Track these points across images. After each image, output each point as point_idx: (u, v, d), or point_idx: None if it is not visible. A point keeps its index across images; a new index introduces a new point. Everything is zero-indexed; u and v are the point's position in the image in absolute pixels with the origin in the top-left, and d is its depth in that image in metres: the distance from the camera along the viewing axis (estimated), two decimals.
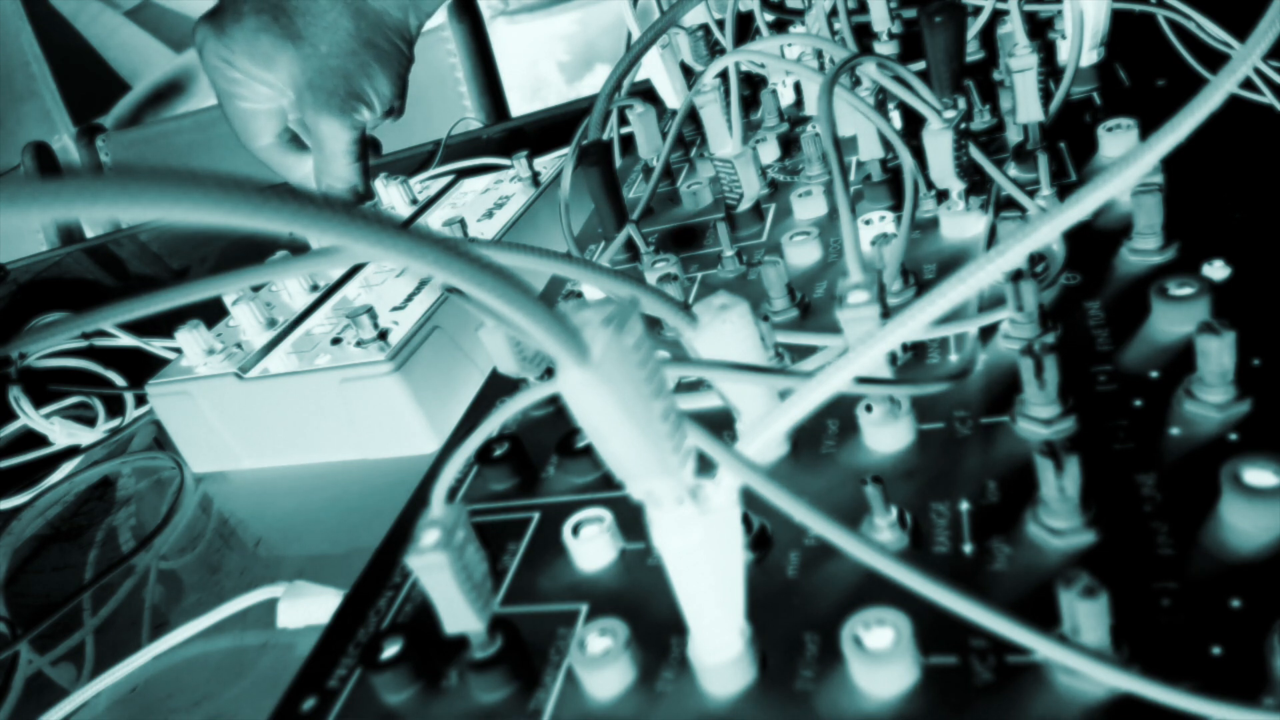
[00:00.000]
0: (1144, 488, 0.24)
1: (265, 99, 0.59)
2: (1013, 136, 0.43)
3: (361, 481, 0.46)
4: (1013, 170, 0.41)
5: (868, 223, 0.40)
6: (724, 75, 0.48)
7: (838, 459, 0.29)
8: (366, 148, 0.60)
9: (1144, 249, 0.32)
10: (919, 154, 0.38)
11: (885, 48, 0.56)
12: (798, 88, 0.58)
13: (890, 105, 0.47)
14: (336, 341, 0.47)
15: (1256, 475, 0.22)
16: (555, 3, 1.99)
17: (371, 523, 0.36)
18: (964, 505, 0.26)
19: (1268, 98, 0.39)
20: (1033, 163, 0.40)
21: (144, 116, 1.93)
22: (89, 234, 1.32)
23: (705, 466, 0.20)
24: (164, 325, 0.63)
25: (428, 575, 0.22)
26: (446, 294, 0.47)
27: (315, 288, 0.55)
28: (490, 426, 0.22)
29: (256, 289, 0.56)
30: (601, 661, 0.24)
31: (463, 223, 0.55)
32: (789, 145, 0.53)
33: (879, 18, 0.56)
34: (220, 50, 0.56)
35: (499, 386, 0.41)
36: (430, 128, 1.04)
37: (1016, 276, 0.30)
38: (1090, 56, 0.46)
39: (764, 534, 0.27)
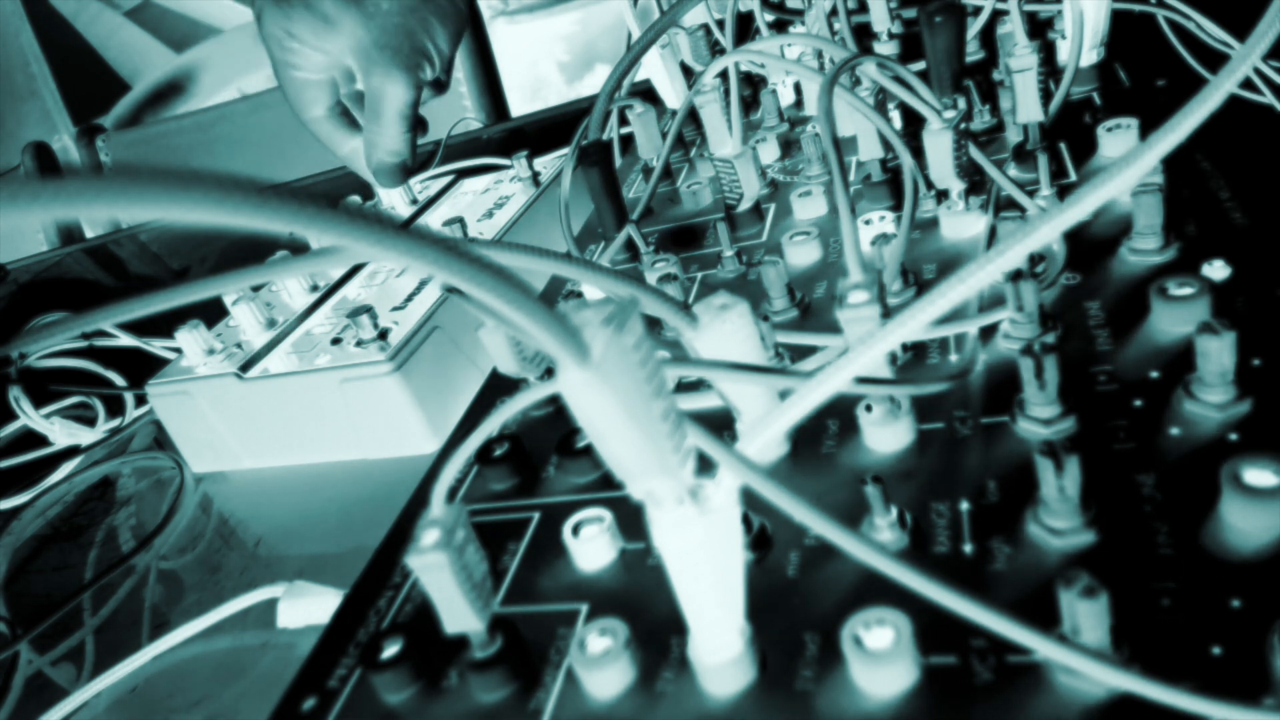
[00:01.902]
0: (1144, 488, 0.24)
1: (321, 68, 0.59)
2: (1013, 136, 0.43)
3: (361, 481, 0.46)
4: (1013, 170, 0.41)
5: (868, 223, 0.40)
6: (724, 75, 0.48)
7: (838, 459, 0.29)
8: (419, 118, 0.60)
9: (1144, 249, 0.32)
10: (919, 154, 0.38)
11: (885, 48, 0.56)
12: (798, 88, 0.58)
13: (890, 105, 0.47)
14: (336, 341, 0.47)
15: (1256, 475, 0.22)
16: (555, 3, 1.99)
17: (371, 523, 0.36)
18: (964, 505, 0.26)
19: (1268, 98, 0.39)
20: (1033, 163, 0.40)
21: (144, 116, 1.93)
22: (89, 234, 1.31)
23: (705, 466, 0.20)
24: (164, 325, 0.63)
25: (428, 575, 0.22)
26: (446, 294, 0.47)
27: (315, 288, 0.55)
28: (490, 426, 0.22)
29: (256, 289, 0.56)
30: (601, 661, 0.24)
31: (463, 223, 0.55)
32: (789, 145, 0.53)
33: (879, 18, 0.56)
34: (279, 19, 0.56)
35: (499, 386, 0.41)
36: (430, 128, 1.04)
37: (1016, 276, 0.30)
38: (1090, 56, 0.46)
39: (764, 534, 0.27)
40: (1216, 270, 0.31)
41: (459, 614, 0.23)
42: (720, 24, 0.57)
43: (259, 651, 0.38)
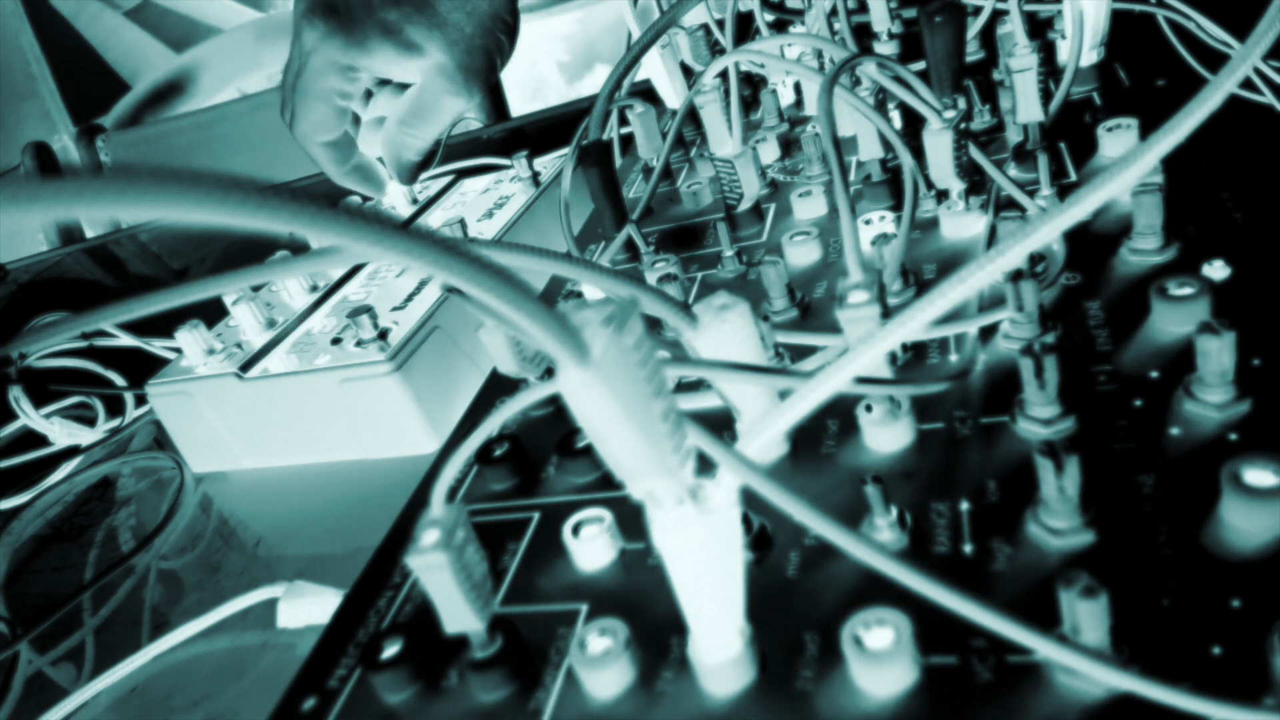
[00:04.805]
0: (1144, 488, 0.24)
1: (360, 94, 0.59)
2: (1013, 136, 0.43)
3: (361, 481, 0.46)
4: (1013, 170, 0.41)
5: (868, 223, 0.40)
6: (724, 75, 0.48)
7: (838, 459, 0.29)
8: None
9: (1144, 249, 0.32)
10: (919, 154, 0.38)
11: (885, 48, 0.56)
12: (798, 88, 0.58)
13: (890, 105, 0.47)
14: (336, 341, 0.47)
15: (1256, 475, 0.22)
16: (555, 3, 1.99)
17: (371, 523, 0.36)
18: (964, 505, 0.26)
19: (1268, 98, 0.39)
20: (1033, 163, 0.40)
21: (144, 116, 1.93)
22: (89, 234, 1.31)
23: (705, 466, 0.20)
24: (164, 325, 0.63)
25: (428, 575, 0.22)
26: (446, 294, 0.47)
27: (315, 288, 0.55)
28: (490, 426, 0.22)
29: (256, 289, 0.56)
30: (601, 661, 0.24)
31: (463, 223, 0.55)
32: (789, 145, 0.53)
33: (879, 18, 0.56)
34: (344, 50, 0.55)
35: (499, 386, 0.41)
36: None
37: (1016, 276, 0.30)
38: (1090, 56, 0.46)
39: (764, 534, 0.27)
40: (1216, 270, 0.31)
41: (459, 614, 0.23)
42: (720, 24, 0.57)
43: (259, 651, 0.38)
